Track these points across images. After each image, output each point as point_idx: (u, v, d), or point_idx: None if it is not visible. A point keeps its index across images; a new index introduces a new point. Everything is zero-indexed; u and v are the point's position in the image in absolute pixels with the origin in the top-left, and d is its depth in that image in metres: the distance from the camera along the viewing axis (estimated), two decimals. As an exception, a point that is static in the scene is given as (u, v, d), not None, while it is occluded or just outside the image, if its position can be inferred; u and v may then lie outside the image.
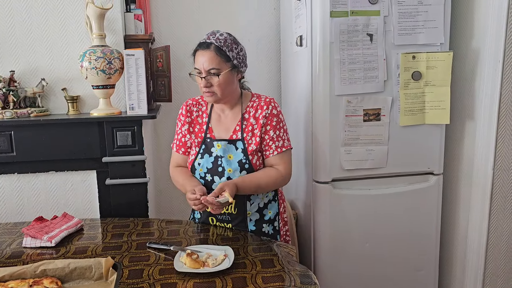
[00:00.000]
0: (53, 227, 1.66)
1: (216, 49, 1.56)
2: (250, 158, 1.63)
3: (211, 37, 1.58)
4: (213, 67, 1.56)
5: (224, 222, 1.71)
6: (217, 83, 1.57)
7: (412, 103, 2.05)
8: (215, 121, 1.70)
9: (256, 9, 2.56)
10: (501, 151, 2.01)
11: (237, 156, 1.63)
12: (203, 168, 1.66)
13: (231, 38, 1.61)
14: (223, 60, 1.56)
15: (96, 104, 1.97)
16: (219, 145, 1.64)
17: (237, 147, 1.64)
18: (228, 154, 1.64)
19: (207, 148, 1.67)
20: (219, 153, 1.64)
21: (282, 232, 1.80)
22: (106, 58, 1.84)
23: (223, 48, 1.56)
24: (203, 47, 1.58)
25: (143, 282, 1.26)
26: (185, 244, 1.52)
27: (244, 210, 1.68)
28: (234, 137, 1.65)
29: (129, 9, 2.10)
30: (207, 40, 1.58)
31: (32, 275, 1.21)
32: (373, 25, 1.96)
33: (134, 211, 1.94)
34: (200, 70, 1.58)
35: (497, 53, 1.92)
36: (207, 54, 1.56)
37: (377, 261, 2.16)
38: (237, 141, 1.64)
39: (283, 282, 1.25)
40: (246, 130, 1.65)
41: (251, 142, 1.64)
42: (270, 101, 1.67)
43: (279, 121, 1.66)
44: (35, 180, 1.96)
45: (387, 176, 2.13)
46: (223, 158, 1.63)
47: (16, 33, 1.95)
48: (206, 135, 1.68)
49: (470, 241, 2.17)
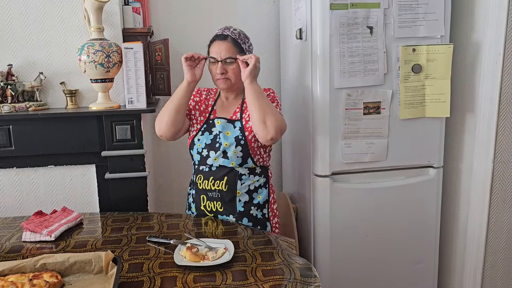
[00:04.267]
0: (53, 221, 1.66)
1: (233, 41, 1.72)
2: (246, 134, 1.73)
3: (226, 31, 1.74)
4: (230, 55, 1.70)
5: (214, 200, 1.76)
6: (232, 70, 1.72)
7: (412, 96, 2.04)
8: (219, 105, 1.84)
9: (255, 2, 2.54)
10: (501, 144, 2.01)
11: (234, 133, 1.74)
12: (201, 144, 1.77)
13: (243, 33, 1.78)
14: (237, 50, 1.72)
15: (95, 98, 1.96)
16: (218, 121, 1.77)
17: (235, 126, 1.76)
18: (226, 130, 1.75)
19: (209, 127, 1.78)
20: (218, 129, 1.75)
21: (273, 223, 1.84)
22: (104, 51, 1.83)
23: (238, 40, 1.73)
24: (220, 38, 1.73)
25: (143, 275, 1.26)
26: (185, 238, 1.52)
27: (234, 188, 1.74)
28: (233, 118, 1.78)
29: (128, 2, 2.08)
30: (223, 33, 1.73)
31: (31, 269, 1.21)
32: (373, 18, 1.95)
33: (133, 205, 1.94)
34: (216, 58, 1.71)
35: (497, 45, 1.91)
36: (225, 44, 1.71)
37: (376, 254, 2.17)
38: (236, 121, 1.77)
39: (283, 275, 1.25)
40: (244, 111, 1.77)
41: (248, 120, 1.74)
42: (269, 89, 1.83)
43: (273, 98, 1.79)
44: (34, 174, 1.95)
45: (387, 170, 2.13)
46: (221, 134, 1.74)
47: (14, 27, 1.94)
48: (209, 115, 1.81)
49: (470, 234, 2.18)
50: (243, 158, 1.73)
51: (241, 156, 1.73)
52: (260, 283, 1.21)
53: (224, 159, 1.73)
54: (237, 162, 1.73)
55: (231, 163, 1.73)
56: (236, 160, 1.73)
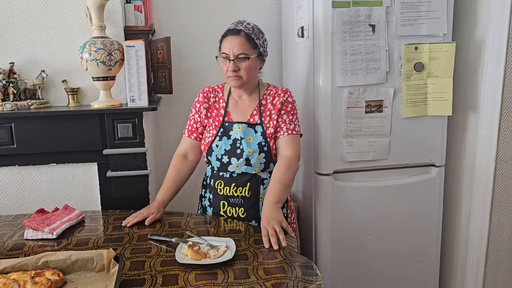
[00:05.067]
0: (55, 219, 1.66)
1: (246, 36, 1.64)
2: (268, 140, 1.69)
3: (239, 25, 1.66)
4: (243, 51, 1.63)
5: (236, 206, 1.73)
6: (245, 67, 1.64)
7: (414, 94, 2.04)
8: (232, 106, 1.76)
9: (257, 0, 2.54)
10: (504, 143, 2.00)
11: (256, 139, 1.69)
12: (221, 150, 1.71)
13: (257, 27, 1.70)
14: (251, 46, 1.65)
15: (97, 96, 1.96)
16: (239, 127, 1.70)
17: (256, 131, 1.70)
18: (248, 136, 1.69)
19: (226, 131, 1.72)
20: (238, 135, 1.69)
21: (290, 220, 1.83)
22: (106, 49, 1.83)
23: (251, 36, 1.65)
24: (233, 33, 1.65)
25: (144, 273, 1.26)
26: (187, 236, 1.51)
27: (257, 194, 1.71)
28: (251, 120, 1.72)
29: (129, 0, 2.08)
30: (236, 27, 1.66)
31: (34, 267, 1.21)
32: (375, 16, 1.94)
33: (135, 203, 1.94)
34: (228, 54, 1.64)
35: (500, 44, 1.90)
36: (237, 40, 1.63)
37: (378, 252, 2.17)
38: (256, 125, 1.71)
39: (285, 273, 1.25)
40: (264, 115, 1.72)
41: (269, 126, 1.70)
42: (286, 90, 1.77)
43: (293, 108, 1.75)
44: (36, 172, 1.95)
45: (389, 168, 2.13)
46: (243, 140, 1.68)
47: (16, 25, 1.94)
48: (224, 118, 1.74)
49: (472, 233, 2.17)
50: (265, 164, 1.71)
51: (264, 162, 1.70)
52: (261, 281, 1.21)
53: (247, 166, 1.69)
54: (260, 168, 1.70)
55: (254, 170, 1.70)
56: (259, 167, 1.70)
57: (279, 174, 1.64)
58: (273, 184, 1.63)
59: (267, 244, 1.42)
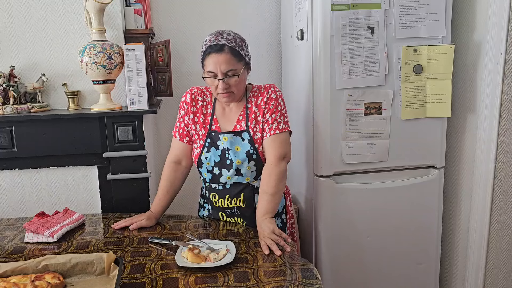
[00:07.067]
0: (55, 222, 1.66)
1: (231, 50, 1.53)
2: (257, 146, 1.63)
3: (220, 38, 1.53)
4: (230, 68, 1.53)
5: (234, 217, 1.71)
6: (236, 83, 1.56)
7: (413, 96, 2.04)
8: (220, 113, 1.69)
9: (257, 3, 2.54)
10: (503, 144, 2.00)
11: (244, 147, 1.63)
12: (211, 162, 1.66)
13: (238, 36, 1.59)
14: (237, 59, 1.55)
15: (97, 99, 1.97)
16: (225, 137, 1.63)
17: (243, 138, 1.64)
18: (235, 145, 1.63)
19: (213, 141, 1.66)
20: (225, 145, 1.63)
21: (289, 225, 1.82)
22: (106, 53, 1.83)
23: (236, 48, 1.54)
24: (215, 49, 1.53)
25: (145, 277, 1.26)
26: (187, 239, 1.52)
27: (252, 203, 1.68)
28: (238, 127, 1.65)
29: (129, 4, 2.08)
30: (218, 42, 1.53)
31: (34, 270, 1.21)
32: (374, 18, 1.95)
33: (135, 206, 1.94)
34: (215, 72, 1.54)
35: (499, 46, 1.91)
36: (222, 57, 1.52)
37: (378, 254, 2.17)
38: (243, 132, 1.64)
39: (285, 276, 1.25)
40: (250, 119, 1.64)
41: (255, 130, 1.64)
42: (269, 86, 1.67)
43: (277, 104, 1.64)
44: (36, 175, 1.96)
45: (388, 170, 2.13)
46: (230, 151, 1.63)
47: (16, 28, 1.94)
48: (211, 127, 1.67)
49: (472, 235, 2.17)
50: (257, 172, 1.66)
51: (255, 170, 1.65)
52: (261, 285, 1.21)
53: (238, 176, 1.64)
54: (251, 177, 1.66)
55: (245, 179, 1.66)
56: (251, 175, 1.66)
57: (262, 184, 1.60)
58: (260, 196, 1.60)
59: (267, 251, 1.41)
